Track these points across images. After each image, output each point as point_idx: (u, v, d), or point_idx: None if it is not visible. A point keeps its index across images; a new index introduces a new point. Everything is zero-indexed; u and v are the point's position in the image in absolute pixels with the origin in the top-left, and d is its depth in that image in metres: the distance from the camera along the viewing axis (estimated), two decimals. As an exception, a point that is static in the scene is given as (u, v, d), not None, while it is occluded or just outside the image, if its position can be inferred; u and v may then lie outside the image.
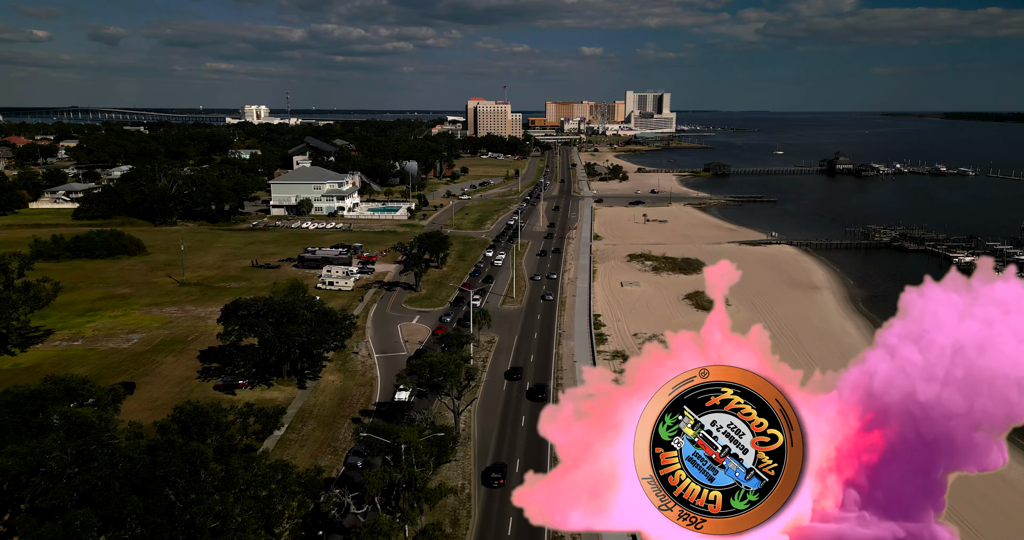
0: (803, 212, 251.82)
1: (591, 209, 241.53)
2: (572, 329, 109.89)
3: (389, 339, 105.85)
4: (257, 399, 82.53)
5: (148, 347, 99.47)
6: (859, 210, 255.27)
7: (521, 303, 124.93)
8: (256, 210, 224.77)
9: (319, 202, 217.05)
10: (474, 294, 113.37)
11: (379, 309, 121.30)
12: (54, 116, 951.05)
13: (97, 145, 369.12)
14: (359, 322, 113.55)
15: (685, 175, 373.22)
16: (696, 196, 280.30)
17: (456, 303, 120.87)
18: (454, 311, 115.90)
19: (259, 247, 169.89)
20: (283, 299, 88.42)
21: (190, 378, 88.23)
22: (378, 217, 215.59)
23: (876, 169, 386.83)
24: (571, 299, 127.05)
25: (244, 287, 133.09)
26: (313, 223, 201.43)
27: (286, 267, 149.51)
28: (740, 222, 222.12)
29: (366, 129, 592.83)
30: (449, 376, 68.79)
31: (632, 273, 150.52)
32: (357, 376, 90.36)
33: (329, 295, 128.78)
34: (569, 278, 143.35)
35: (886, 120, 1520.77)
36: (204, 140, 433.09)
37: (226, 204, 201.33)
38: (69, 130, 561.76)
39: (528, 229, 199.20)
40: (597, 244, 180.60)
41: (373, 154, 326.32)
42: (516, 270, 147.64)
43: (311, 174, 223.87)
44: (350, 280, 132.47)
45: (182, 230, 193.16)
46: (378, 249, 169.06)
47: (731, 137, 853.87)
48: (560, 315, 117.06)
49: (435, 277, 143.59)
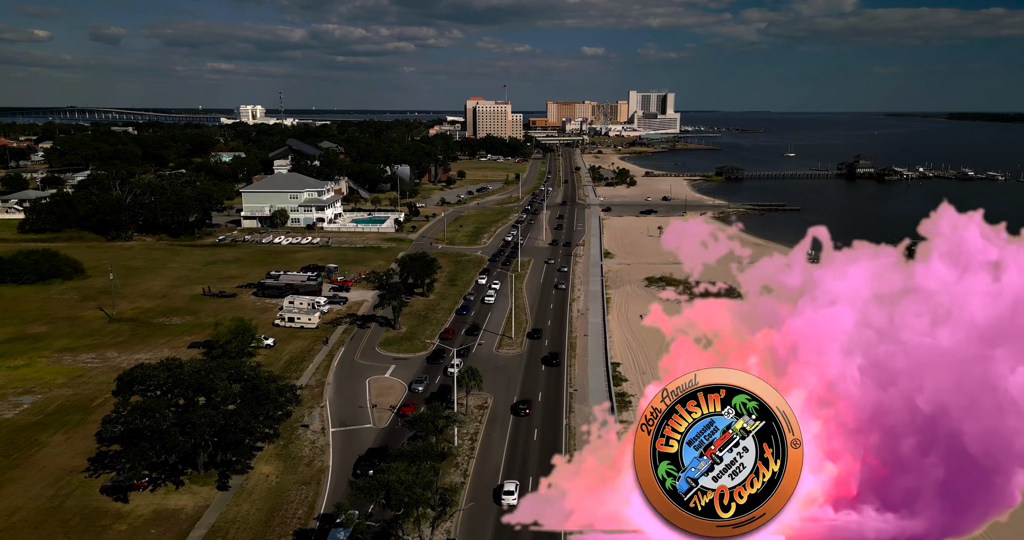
0: (830, 223, 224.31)
1: (599, 219, 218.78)
2: (586, 385, 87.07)
3: (352, 402, 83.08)
4: (157, 508, 59.83)
5: (38, 417, 76.67)
6: (894, 221, 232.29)
7: (521, 347, 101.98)
8: (227, 221, 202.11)
9: (296, 213, 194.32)
10: (457, 354, 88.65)
11: (346, 355, 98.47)
12: (49, 116, 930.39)
13: (70, 147, 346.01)
14: (319, 375, 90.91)
15: (696, 179, 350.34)
16: (713, 204, 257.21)
17: (435, 358, 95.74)
18: (430, 374, 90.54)
19: (219, 268, 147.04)
20: (197, 367, 65.54)
21: (75, 471, 65.42)
22: (362, 230, 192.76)
23: (899, 173, 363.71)
24: (582, 340, 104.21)
25: (186, 324, 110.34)
26: (287, 237, 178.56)
27: (244, 295, 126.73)
28: (766, 235, 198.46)
29: (363, 130, 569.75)
30: (413, 505, 46.04)
31: (651, 301, 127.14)
32: (301, 466, 67.47)
33: (289, 334, 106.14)
34: (578, 310, 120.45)
35: (891, 120, 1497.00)
36: (187, 142, 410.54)
37: (189, 215, 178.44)
38: (55, 131, 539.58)
39: (529, 245, 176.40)
40: (609, 264, 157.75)
41: (363, 158, 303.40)
42: (515, 298, 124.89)
43: (288, 181, 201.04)
44: (315, 315, 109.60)
45: (137, 246, 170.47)
46: (356, 271, 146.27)
47: (736, 138, 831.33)
48: (571, 365, 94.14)
49: (419, 308, 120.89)
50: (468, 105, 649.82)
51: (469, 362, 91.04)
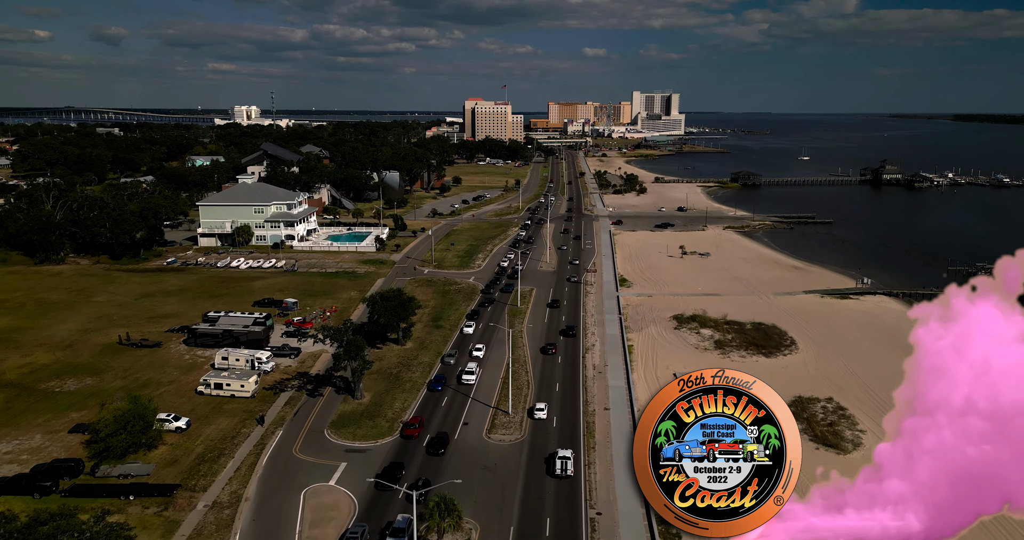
0: (869, 239, 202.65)
1: (609, 234, 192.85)
2: (613, 506, 61.01)
3: (276, 531, 57.08)
4: None
5: None
6: (939, 236, 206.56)
7: (521, 430, 75.91)
8: (185, 238, 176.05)
9: (262, 229, 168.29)
10: (416, 494, 55.73)
11: (284, 443, 72.45)
12: (45, 116, 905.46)
13: (34, 151, 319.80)
14: (236, 482, 64.91)
15: (711, 186, 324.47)
16: (734, 216, 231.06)
17: (389, 475, 63.96)
18: (379, 508, 59.85)
19: (154, 303, 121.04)
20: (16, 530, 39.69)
21: None
22: (337, 249, 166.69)
23: (929, 179, 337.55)
24: (602, 418, 78.19)
25: (82, 391, 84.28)
26: (247, 260, 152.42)
27: (171, 344, 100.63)
28: (803, 255, 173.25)
29: (359, 131, 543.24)
30: None
31: (686, 351, 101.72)
32: None
33: (214, 407, 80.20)
34: (594, 366, 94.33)
35: (896, 122, 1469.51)
36: (165, 144, 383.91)
37: (133, 233, 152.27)
38: (37, 132, 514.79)
39: (531, 269, 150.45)
40: (626, 295, 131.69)
41: (348, 163, 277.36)
42: (513, 348, 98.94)
43: (254, 193, 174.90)
44: (252, 379, 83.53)
45: (67, 271, 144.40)
46: (321, 305, 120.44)
47: (743, 140, 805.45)
48: (589, 465, 67.84)
49: (391, 362, 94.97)
50: (467, 106, 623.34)
51: (447, 458, 65.18)
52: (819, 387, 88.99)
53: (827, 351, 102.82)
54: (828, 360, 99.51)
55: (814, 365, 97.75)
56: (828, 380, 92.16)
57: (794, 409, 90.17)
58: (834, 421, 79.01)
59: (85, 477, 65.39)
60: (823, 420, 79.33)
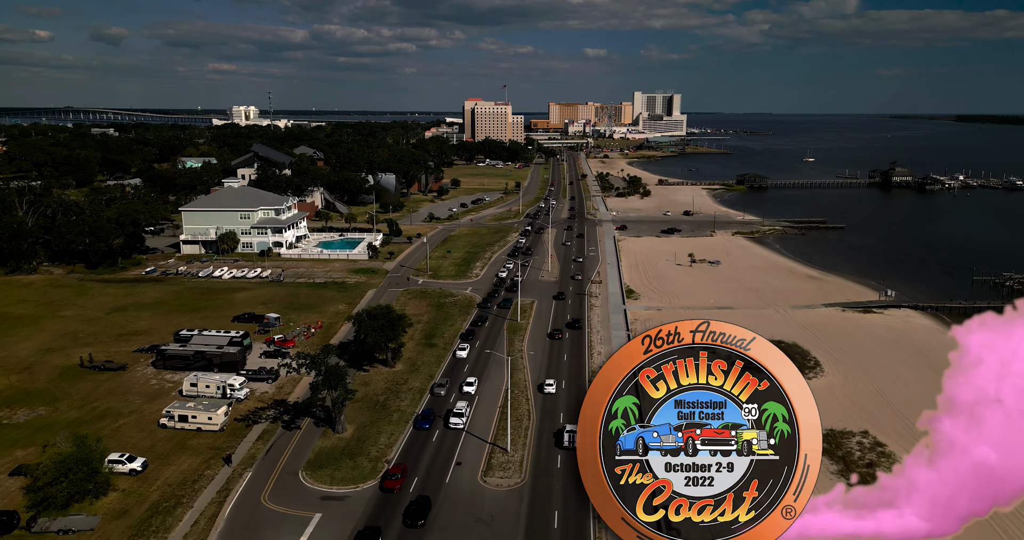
0: (885, 246, 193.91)
1: (613, 240, 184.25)
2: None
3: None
4: None
5: None
6: (956, 242, 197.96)
7: (521, 471, 67.24)
8: (168, 246, 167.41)
9: (248, 236, 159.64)
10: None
11: (251, 489, 63.76)
12: (43, 117, 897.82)
13: (20, 153, 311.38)
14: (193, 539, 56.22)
15: (717, 188, 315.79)
16: (743, 220, 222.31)
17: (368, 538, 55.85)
18: None
19: (127, 318, 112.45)
20: None
21: None
22: (327, 256, 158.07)
23: (940, 182, 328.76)
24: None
25: (32, 423, 75.64)
26: (231, 269, 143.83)
27: (139, 366, 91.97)
28: (818, 263, 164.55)
29: (357, 131, 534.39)
30: None
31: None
32: None
33: (177, 443, 71.57)
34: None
35: (897, 123, 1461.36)
36: (158, 145, 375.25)
37: (110, 241, 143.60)
38: (31, 132, 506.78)
39: (532, 278, 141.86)
40: (634, 308, 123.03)
41: (343, 165, 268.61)
42: (512, 371, 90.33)
43: (240, 197, 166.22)
44: (221, 410, 74.86)
45: (38, 281, 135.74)
46: (306, 321, 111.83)
47: (746, 141, 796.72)
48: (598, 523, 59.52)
49: (379, 388, 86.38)
50: (466, 106, 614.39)
51: (428, 527, 56.63)
52: (851, 418, 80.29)
53: (856, 374, 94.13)
54: (858, 385, 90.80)
55: (843, 391, 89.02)
56: (860, 408, 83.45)
57: (827, 446, 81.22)
58: (873, 460, 70.32)
59: (20, 532, 56.91)
60: (860, 459, 70.62)
